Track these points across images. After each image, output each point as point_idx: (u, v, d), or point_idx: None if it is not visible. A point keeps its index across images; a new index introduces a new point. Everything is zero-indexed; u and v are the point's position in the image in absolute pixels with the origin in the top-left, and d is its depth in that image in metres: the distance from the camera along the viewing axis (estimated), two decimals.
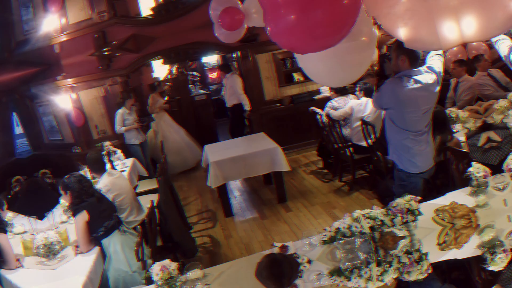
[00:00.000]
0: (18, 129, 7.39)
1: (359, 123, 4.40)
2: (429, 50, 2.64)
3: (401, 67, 2.57)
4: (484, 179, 2.20)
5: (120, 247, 2.73)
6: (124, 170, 4.73)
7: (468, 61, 5.22)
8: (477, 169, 2.19)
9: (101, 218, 2.73)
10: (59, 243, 2.68)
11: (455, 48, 5.31)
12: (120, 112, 5.70)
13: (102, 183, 3.24)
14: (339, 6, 1.52)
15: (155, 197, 3.55)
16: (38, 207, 3.48)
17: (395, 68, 2.62)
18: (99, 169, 3.41)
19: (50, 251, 2.64)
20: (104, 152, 5.00)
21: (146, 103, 6.93)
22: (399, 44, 2.54)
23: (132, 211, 3.39)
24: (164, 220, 3.20)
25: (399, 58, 2.55)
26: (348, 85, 5.77)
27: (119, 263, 2.69)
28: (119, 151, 5.24)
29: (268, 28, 1.68)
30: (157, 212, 3.31)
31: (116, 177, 3.42)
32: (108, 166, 4.16)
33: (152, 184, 4.92)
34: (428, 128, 2.68)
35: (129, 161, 5.18)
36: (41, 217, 3.34)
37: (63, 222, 3.27)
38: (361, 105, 4.60)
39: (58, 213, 3.33)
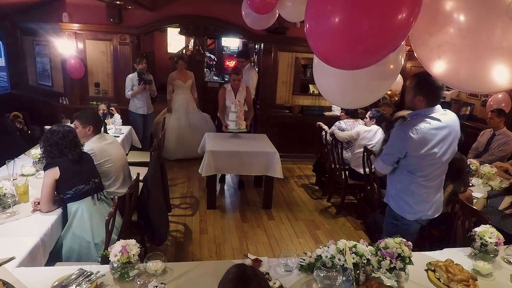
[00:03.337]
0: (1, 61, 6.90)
1: (361, 149, 4.27)
2: (467, 91, 2.45)
3: (417, 107, 2.35)
4: (495, 247, 2.01)
5: (88, 214, 2.54)
6: (117, 136, 4.57)
7: (509, 113, 4.91)
8: (490, 234, 2.00)
9: (75, 181, 2.54)
10: (13, 197, 2.43)
11: (500, 95, 5.05)
12: (130, 76, 5.56)
13: (88, 146, 3.00)
14: (391, 23, 1.31)
15: (141, 170, 3.37)
16: None
17: (411, 105, 2.40)
18: (96, 129, 3.12)
19: (0, 204, 2.40)
20: (99, 112, 4.84)
21: (156, 72, 6.64)
22: (418, 82, 2.35)
23: (116, 182, 3.16)
24: (147, 195, 3.02)
25: (416, 97, 2.34)
26: (360, 110, 5.67)
27: (82, 231, 2.51)
28: (118, 116, 5.06)
29: (307, 25, 1.48)
30: (141, 186, 3.14)
31: (108, 142, 3.16)
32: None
33: (143, 157, 4.79)
34: (443, 174, 2.46)
35: (126, 129, 5.03)
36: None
37: (24, 175, 3.03)
38: (370, 133, 4.47)
39: (21, 164, 3.08)
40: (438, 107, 2.34)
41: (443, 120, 2.31)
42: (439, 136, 2.29)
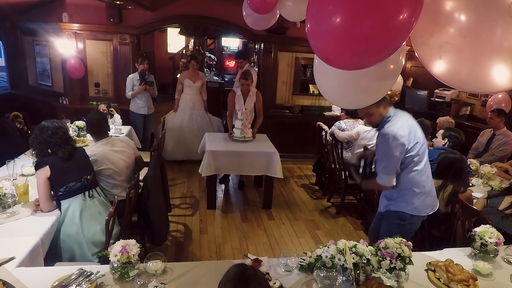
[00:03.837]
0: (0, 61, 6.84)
1: (361, 149, 4.26)
2: (467, 91, 2.50)
3: (383, 114, 2.46)
4: (495, 247, 2.01)
5: (79, 212, 2.50)
6: (117, 136, 4.56)
7: (509, 113, 4.92)
8: (490, 234, 2.00)
9: (65, 178, 2.50)
10: (13, 197, 2.43)
11: (500, 95, 5.06)
12: (130, 76, 5.56)
13: (90, 150, 2.94)
14: (392, 23, 1.31)
15: (141, 170, 3.37)
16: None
17: (380, 119, 2.48)
18: (96, 133, 3.07)
19: (0, 204, 2.39)
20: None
21: (156, 72, 6.58)
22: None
23: (118, 187, 3.07)
24: (147, 195, 3.00)
25: (381, 106, 2.43)
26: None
27: (73, 228, 2.47)
28: (118, 116, 5.06)
29: (308, 25, 1.48)
30: (141, 186, 3.10)
31: (115, 149, 3.05)
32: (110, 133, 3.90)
33: (143, 157, 4.73)
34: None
35: (126, 129, 5.03)
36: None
37: (24, 175, 3.02)
38: (369, 133, 4.46)
39: (21, 164, 3.07)
40: (392, 107, 2.49)
41: (402, 112, 2.50)
42: (412, 124, 2.45)
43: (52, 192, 2.53)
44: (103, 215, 2.58)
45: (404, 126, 2.37)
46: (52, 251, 2.41)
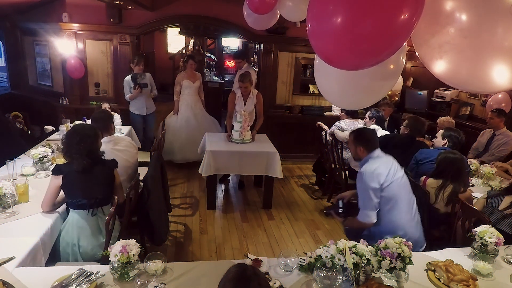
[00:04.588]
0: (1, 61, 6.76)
1: None
2: (467, 91, 2.51)
3: (361, 156, 2.73)
4: (495, 247, 2.01)
5: (78, 225, 2.45)
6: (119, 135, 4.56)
7: (509, 113, 4.93)
8: (490, 234, 2.00)
9: (75, 194, 2.45)
10: (13, 197, 2.42)
11: (500, 95, 5.07)
12: (126, 79, 5.50)
13: None
14: (393, 24, 1.31)
15: (141, 170, 3.36)
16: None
17: (356, 157, 2.79)
18: (100, 129, 2.93)
19: (0, 204, 2.38)
20: None
21: (156, 72, 6.54)
22: (355, 137, 2.74)
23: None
24: (147, 195, 2.99)
25: (357, 148, 2.73)
26: (360, 110, 5.66)
27: (70, 239, 2.44)
28: (118, 116, 5.05)
29: (309, 25, 1.48)
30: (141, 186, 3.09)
31: (118, 148, 3.02)
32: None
33: (143, 157, 4.74)
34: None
35: (126, 129, 5.02)
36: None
37: (24, 175, 3.01)
38: None
39: (21, 164, 3.05)
40: (378, 150, 2.69)
41: (384, 156, 2.69)
42: (390, 163, 2.62)
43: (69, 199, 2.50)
44: (103, 232, 2.51)
45: (381, 165, 2.55)
46: (53, 251, 2.40)
